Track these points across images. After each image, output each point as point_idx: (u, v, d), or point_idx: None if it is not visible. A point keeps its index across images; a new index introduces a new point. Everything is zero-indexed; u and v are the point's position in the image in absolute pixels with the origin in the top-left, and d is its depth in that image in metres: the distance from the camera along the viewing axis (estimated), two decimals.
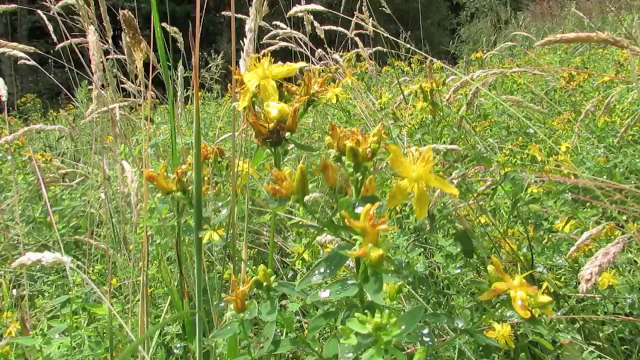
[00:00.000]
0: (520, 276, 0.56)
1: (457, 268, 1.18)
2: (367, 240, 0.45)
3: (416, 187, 0.49)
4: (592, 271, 0.68)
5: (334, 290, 0.46)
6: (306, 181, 0.50)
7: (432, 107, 1.34)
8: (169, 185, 0.66)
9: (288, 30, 2.01)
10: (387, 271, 0.45)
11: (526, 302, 0.53)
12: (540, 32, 5.94)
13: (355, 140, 0.49)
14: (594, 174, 2.03)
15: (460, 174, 1.26)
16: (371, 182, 0.51)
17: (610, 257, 0.70)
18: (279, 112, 0.55)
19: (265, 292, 0.54)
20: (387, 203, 0.51)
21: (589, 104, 1.64)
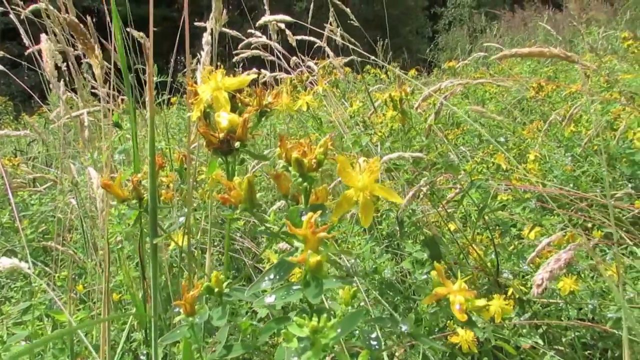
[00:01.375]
0: (461, 281, 0.58)
1: (424, 274, 1.20)
2: (308, 247, 0.46)
3: (361, 196, 0.50)
4: (543, 276, 0.71)
5: (280, 296, 0.47)
6: (254, 190, 0.51)
7: (401, 116, 1.36)
8: (124, 193, 0.67)
9: (262, 38, 2.02)
10: (327, 276, 0.46)
11: (463, 306, 0.55)
12: (514, 41, 6.08)
13: (301, 151, 0.51)
14: (561, 182, 2.09)
15: (428, 181, 1.29)
16: (322, 190, 0.53)
17: (561, 263, 0.73)
18: (229, 123, 0.56)
19: (217, 298, 0.55)
20: (334, 211, 0.52)
21: (553, 115, 1.69)
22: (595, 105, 2.01)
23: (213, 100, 0.57)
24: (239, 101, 0.61)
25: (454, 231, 1.53)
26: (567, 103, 2.41)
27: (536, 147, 1.82)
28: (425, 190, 1.41)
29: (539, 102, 2.45)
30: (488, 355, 1.16)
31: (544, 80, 2.44)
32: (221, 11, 1.03)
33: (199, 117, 0.59)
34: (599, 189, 2.05)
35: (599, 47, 3.51)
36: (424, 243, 1.34)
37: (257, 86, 2.26)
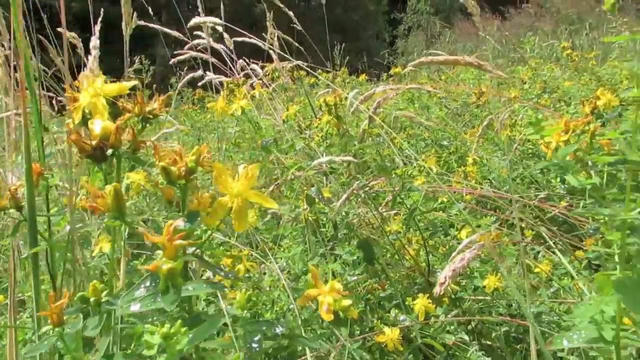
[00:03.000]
0: (332, 282, 0.60)
1: (354, 275, 1.23)
2: (165, 254, 0.47)
3: (235, 202, 0.52)
4: (446, 275, 0.75)
5: (145, 303, 0.48)
6: (121, 199, 0.52)
7: (336, 121, 1.39)
8: (2, 202, 0.66)
9: (206, 41, 2.01)
10: (183, 283, 0.47)
11: (331, 306, 0.57)
12: (465, 48, 6.28)
13: (172, 159, 0.52)
14: (498, 183, 2.18)
15: (360, 184, 1.32)
16: (206, 197, 0.54)
17: (464, 262, 0.77)
18: (102, 130, 0.57)
19: (93, 307, 0.55)
20: (209, 218, 0.54)
21: (485, 120, 1.76)
22: (525, 110, 2.11)
23: (91, 107, 0.58)
24: (121, 108, 0.61)
25: (394, 232, 1.58)
26: (506, 108, 2.52)
27: (472, 151, 1.89)
28: (361, 193, 1.44)
29: (480, 108, 2.55)
30: (415, 352, 1.20)
31: (484, 87, 2.54)
32: (130, 14, 1.02)
33: (78, 124, 0.59)
34: (533, 190, 2.15)
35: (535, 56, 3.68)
36: (358, 245, 1.38)
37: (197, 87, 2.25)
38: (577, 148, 0.80)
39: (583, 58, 4.32)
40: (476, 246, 0.81)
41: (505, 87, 3.35)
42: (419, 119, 1.33)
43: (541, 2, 8.87)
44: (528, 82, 2.82)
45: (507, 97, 2.47)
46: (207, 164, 0.54)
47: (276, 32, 1.88)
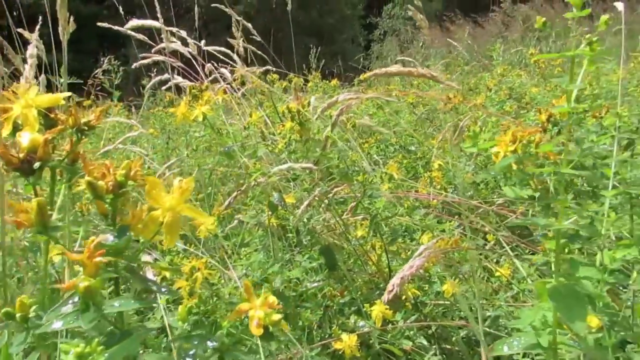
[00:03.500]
0: (264, 296, 0.61)
1: (315, 282, 1.24)
2: (86, 272, 0.47)
3: (168, 216, 0.52)
4: (394, 283, 0.76)
5: (67, 321, 0.47)
6: (45, 213, 0.51)
7: (299, 127, 1.39)
8: None
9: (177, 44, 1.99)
10: (102, 302, 0.47)
11: (262, 321, 0.58)
12: (437, 54, 6.38)
13: (101, 173, 0.52)
14: (463, 189, 2.22)
15: (322, 191, 1.33)
16: (140, 211, 0.53)
17: (413, 270, 0.78)
18: (30, 142, 0.56)
19: (19, 322, 0.54)
20: (140, 232, 0.53)
21: (446, 127, 1.80)
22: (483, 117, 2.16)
23: (22, 118, 0.57)
24: (56, 119, 0.60)
25: (358, 238, 1.59)
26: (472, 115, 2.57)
27: (434, 157, 1.92)
28: (324, 199, 1.45)
29: (448, 114, 2.59)
30: (375, 358, 1.21)
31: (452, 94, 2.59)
32: (67, 18, 1.01)
33: (8, 135, 0.58)
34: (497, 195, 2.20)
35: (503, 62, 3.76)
36: (320, 251, 1.38)
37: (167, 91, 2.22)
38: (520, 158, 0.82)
39: (549, 65, 4.44)
40: (426, 253, 0.82)
41: (473, 93, 3.42)
42: (377, 127, 1.35)
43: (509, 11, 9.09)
44: (494, 89, 2.89)
45: (474, 104, 2.52)
46: (139, 177, 0.53)
47: (251, 36, 1.87)
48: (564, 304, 0.61)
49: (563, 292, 0.62)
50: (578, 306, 0.61)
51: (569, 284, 0.63)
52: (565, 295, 0.62)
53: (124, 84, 7.34)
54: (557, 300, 0.61)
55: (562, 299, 0.61)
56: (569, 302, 0.61)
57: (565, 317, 0.61)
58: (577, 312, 0.60)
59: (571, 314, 0.60)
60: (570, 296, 0.61)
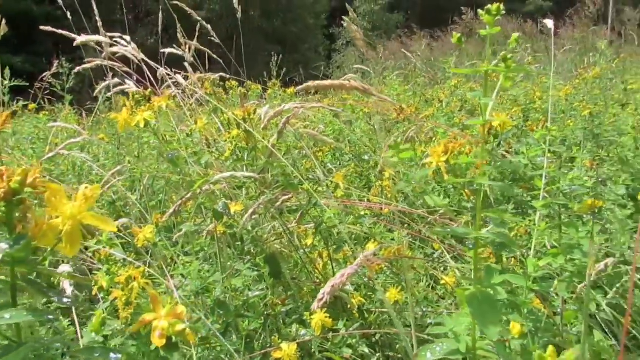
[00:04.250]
0: (170, 306, 0.60)
1: (257, 290, 1.23)
2: None
3: (68, 224, 0.50)
4: (325, 291, 0.76)
5: None
6: None
7: (245, 135, 1.39)
8: None
9: (127, 48, 1.95)
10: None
11: (165, 331, 0.57)
12: (395, 66, 6.51)
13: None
14: (414, 197, 2.27)
15: (267, 199, 1.32)
16: (41, 220, 0.52)
17: (343, 279, 0.79)
18: None
19: None
20: (39, 241, 0.52)
21: (392, 136, 1.84)
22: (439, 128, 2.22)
23: None
24: None
25: (307, 246, 1.59)
26: (423, 125, 2.63)
27: (382, 165, 1.95)
28: (270, 208, 1.44)
29: (402, 124, 2.64)
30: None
31: (405, 104, 2.64)
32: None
33: None
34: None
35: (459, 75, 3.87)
36: (264, 260, 1.38)
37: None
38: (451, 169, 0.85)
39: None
40: (357, 262, 0.83)
41: (427, 105, 3.50)
42: (320, 137, 1.37)
43: (469, 25, 9.38)
44: (445, 101, 2.97)
45: (425, 115, 2.58)
46: (40, 184, 0.52)
47: (210, 38, 1.85)
48: (480, 310, 0.63)
49: (480, 298, 0.64)
50: (492, 312, 0.63)
51: (485, 290, 0.65)
52: (482, 301, 0.64)
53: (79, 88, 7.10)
54: (474, 306, 0.63)
55: (478, 305, 0.63)
56: (484, 308, 0.63)
57: (480, 323, 0.63)
58: (491, 318, 0.62)
59: (486, 319, 0.62)
60: (486, 302, 0.63)
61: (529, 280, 0.83)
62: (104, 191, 1.94)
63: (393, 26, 15.53)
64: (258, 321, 1.19)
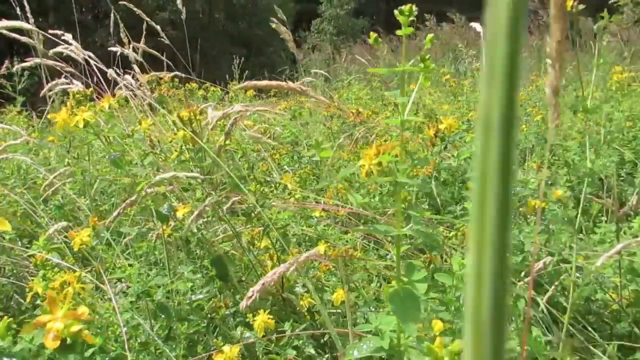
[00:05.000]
0: (66, 306, 0.59)
1: (201, 293, 1.21)
2: None
3: None
4: (255, 289, 0.76)
5: None
6: None
7: (191, 136, 1.37)
8: None
9: (70, 47, 1.90)
10: None
11: (60, 333, 0.56)
12: (360, 70, 6.58)
13: None
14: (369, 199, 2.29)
15: (212, 200, 1.31)
16: None
17: (275, 277, 0.79)
18: None
19: None
20: None
21: (342, 137, 1.85)
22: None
23: None
24: None
25: (255, 248, 1.58)
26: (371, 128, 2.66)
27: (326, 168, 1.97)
28: (218, 209, 1.43)
29: (357, 127, 2.67)
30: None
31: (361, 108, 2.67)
32: None
33: None
34: None
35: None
36: (211, 262, 1.36)
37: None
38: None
39: (459, 84, 4.73)
40: (291, 261, 0.84)
41: (386, 108, 3.55)
42: (264, 139, 1.36)
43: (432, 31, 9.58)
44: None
45: (381, 117, 2.62)
46: None
47: (130, 46, 1.82)
48: (402, 307, 0.64)
49: (402, 295, 0.65)
50: (412, 309, 0.64)
51: (406, 287, 0.66)
52: (404, 298, 0.65)
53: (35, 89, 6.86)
54: (395, 303, 0.64)
55: (400, 302, 0.64)
56: (406, 305, 0.64)
57: (400, 320, 0.64)
58: (410, 314, 0.63)
59: (406, 316, 0.63)
60: (408, 299, 0.65)
61: (455, 279, 0.85)
62: (49, 195, 1.87)
63: (358, 31, 15.69)
64: (201, 324, 1.17)
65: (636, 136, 3.53)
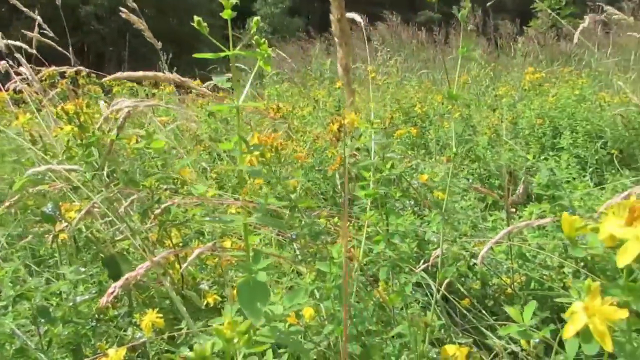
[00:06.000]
0: None
1: (86, 294, 1.16)
2: None
3: None
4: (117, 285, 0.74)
5: None
6: None
7: (79, 130, 1.31)
8: None
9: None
10: None
11: None
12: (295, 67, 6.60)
13: None
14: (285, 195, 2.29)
15: (101, 197, 1.25)
16: None
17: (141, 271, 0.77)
18: None
19: None
20: None
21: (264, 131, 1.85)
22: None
23: None
24: None
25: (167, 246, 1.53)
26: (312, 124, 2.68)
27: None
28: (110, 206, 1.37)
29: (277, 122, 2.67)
30: None
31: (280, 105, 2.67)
32: None
33: None
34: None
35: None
36: (103, 262, 1.30)
37: None
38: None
39: (385, 82, 4.84)
40: (160, 255, 0.81)
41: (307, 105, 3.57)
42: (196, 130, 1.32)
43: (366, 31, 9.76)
44: (322, 101, 3.05)
45: (301, 113, 2.62)
46: None
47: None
48: (248, 295, 0.64)
49: (251, 284, 0.65)
50: (260, 296, 0.64)
51: (254, 277, 0.66)
52: (253, 287, 0.65)
53: None
54: (243, 293, 0.64)
55: (248, 290, 0.64)
56: (253, 293, 0.64)
57: (244, 307, 0.64)
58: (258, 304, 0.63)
59: (253, 306, 0.63)
60: (256, 287, 0.64)
61: (334, 266, 0.86)
62: None
63: (293, 30, 15.70)
64: (86, 327, 1.11)
65: (545, 132, 3.77)
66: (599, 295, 0.44)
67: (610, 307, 0.43)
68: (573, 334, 0.44)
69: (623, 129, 3.48)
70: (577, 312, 0.43)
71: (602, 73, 5.51)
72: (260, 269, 0.67)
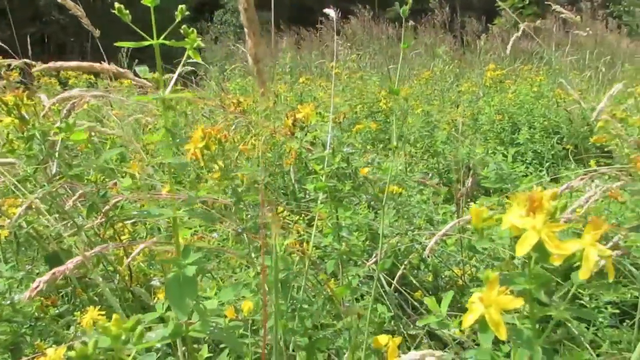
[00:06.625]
0: None
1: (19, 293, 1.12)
2: None
3: None
4: (42, 280, 0.71)
5: None
6: None
7: (20, 122, 1.26)
8: None
9: None
10: None
11: None
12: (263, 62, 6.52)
13: None
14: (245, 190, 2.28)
15: (43, 191, 1.21)
16: None
17: (70, 266, 0.75)
18: None
19: None
20: None
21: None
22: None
23: None
24: None
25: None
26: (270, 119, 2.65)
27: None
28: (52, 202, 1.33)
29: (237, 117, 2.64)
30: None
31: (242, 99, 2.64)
32: None
33: None
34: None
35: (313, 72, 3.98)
36: (45, 259, 1.26)
37: None
38: None
39: (351, 76, 4.85)
40: (96, 249, 0.79)
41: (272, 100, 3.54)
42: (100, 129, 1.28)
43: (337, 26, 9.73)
44: (283, 95, 3.04)
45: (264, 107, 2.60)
46: None
47: None
48: (177, 291, 0.63)
49: (180, 280, 0.64)
50: (189, 291, 0.63)
51: (184, 272, 0.65)
52: (182, 282, 0.64)
53: None
54: (172, 288, 0.63)
55: (177, 287, 0.63)
56: (182, 288, 0.63)
57: (172, 302, 0.63)
58: (187, 296, 0.63)
59: (181, 301, 0.62)
60: (185, 283, 0.64)
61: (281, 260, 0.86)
62: None
63: (263, 23, 15.55)
64: (24, 326, 1.08)
65: (504, 128, 3.87)
66: (497, 285, 0.45)
67: (506, 297, 0.44)
68: (471, 323, 0.45)
69: (577, 125, 3.60)
70: (474, 302, 0.45)
71: (561, 71, 5.68)
72: (189, 263, 0.66)
